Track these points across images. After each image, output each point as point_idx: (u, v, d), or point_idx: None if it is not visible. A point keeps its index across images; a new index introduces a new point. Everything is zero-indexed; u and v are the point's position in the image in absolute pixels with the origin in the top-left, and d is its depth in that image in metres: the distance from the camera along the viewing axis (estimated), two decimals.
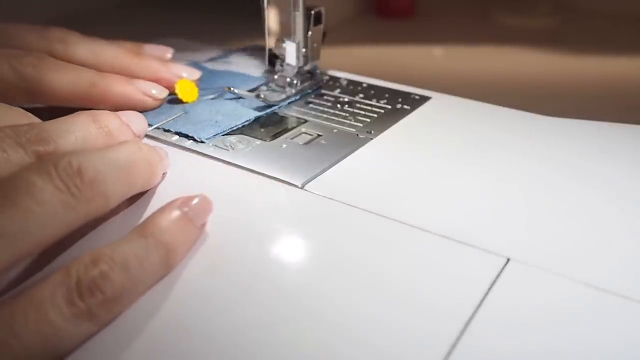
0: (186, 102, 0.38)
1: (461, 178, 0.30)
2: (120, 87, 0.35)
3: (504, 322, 0.21)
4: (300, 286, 0.23)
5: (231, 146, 0.33)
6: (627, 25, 0.63)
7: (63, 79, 0.33)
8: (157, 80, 0.37)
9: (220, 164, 0.32)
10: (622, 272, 0.24)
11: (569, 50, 0.56)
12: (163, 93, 0.37)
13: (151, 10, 0.65)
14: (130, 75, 0.36)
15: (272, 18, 0.40)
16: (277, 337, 0.21)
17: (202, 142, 0.34)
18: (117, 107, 0.34)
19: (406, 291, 0.23)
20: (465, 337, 0.20)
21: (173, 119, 0.35)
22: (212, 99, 0.39)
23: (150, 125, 0.34)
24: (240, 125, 0.36)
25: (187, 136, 0.34)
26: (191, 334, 0.21)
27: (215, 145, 0.33)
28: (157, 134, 0.34)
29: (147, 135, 0.34)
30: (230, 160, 0.32)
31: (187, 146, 0.33)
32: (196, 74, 0.39)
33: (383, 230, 0.26)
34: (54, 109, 0.34)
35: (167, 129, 0.35)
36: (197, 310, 0.22)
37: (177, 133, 0.35)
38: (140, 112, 0.34)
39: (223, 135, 0.34)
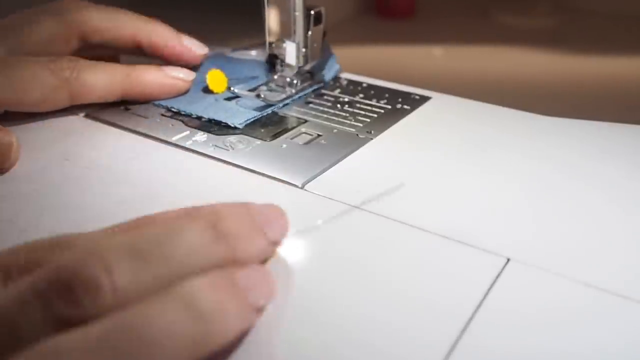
0: (216, 93, 0.39)
1: (461, 178, 0.30)
2: (152, 75, 0.38)
3: (504, 322, 0.21)
4: (300, 286, 0.23)
5: (231, 146, 0.33)
6: (627, 25, 0.63)
7: (99, 76, 0.36)
8: (172, 48, 0.40)
9: (220, 164, 0.32)
10: (622, 272, 0.24)
11: (569, 50, 0.56)
12: (190, 76, 0.39)
13: (151, 10, 0.65)
14: (146, 31, 0.40)
15: (272, 18, 0.40)
16: (277, 337, 0.21)
17: (235, 127, 0.35)
18: (152, 94, 0.38)
19: (406, 291, 0.23)
20: (465, 337, 0.20)
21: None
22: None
23: (189, 114, 0.37)
24: (274, 109, 0.37)
25: (219, 123, 0.35)
26: None
27: (215, 145, 0.33)
28: (159, 134, 0.34)
29: (150, 136, 0.34)
30: (230, 160, 0.32)
31: (187, 146, 0.33)
32: (204, 48, 0.42)
33: (383, 230, 0.26)
34: None
35: (199, 115, 0.36)
36: None
37: (210, 120, 0.36)
38: (174, 97, 0.38)
39: (252, 121, 0.36)
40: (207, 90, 0.39)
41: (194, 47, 0.41)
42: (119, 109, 0.38)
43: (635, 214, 0.27)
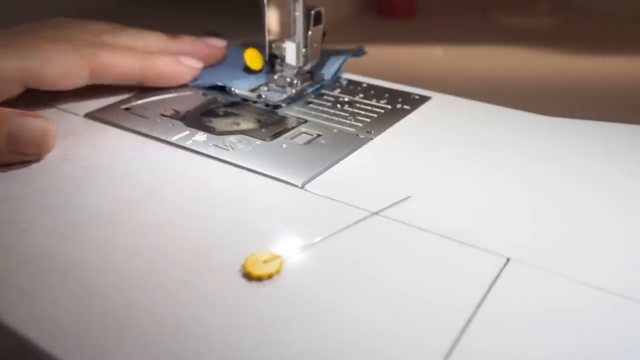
0: (253, 70, 0.42)
1: (461, 178, 0.30)
2: (166, 62, 0.40)
3: (503, 322, 0.21)
4: (300, 287, 0.23)
5: (231, 146, 0.33)
6: (627, 25, 0.63)
7: (118, 57, 0.38)
8: (198, 52, 0.43)
9: (220, 164, 0.32)
10: (622, 272, 0.24)
11: (569, 50, 0.56)
12: (199, 64, 0.42)
13: (151, 9, 0.65)
14: (172, 52, 0.42)
15: (272, 18, 0.40)
16: (276, 337, 0.21)
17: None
18: (169, 79, 0.40)
19: (405, 291, 0.23)
20: (464, 338, 0.20)
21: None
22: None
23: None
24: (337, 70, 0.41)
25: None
26: (191, 334, 0.21)
27: (215, 145, 0.33)
28: (159, 134, 0.34)
29: (150, 136, 0.34)
30: (230, 160, 0.32)
31: (187, 146, 0.33)
32: (222, 42, 0.45)
33: (383, 230, 0.26)
34: None
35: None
36: (196, 310, 0.22)
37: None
38: (184, 83, 0.41)
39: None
40: (246, 69, 0.42)
41: (217, 43, 0.44)
42: (119, 109, 0.38)
43: (636, 214, 0.27)
